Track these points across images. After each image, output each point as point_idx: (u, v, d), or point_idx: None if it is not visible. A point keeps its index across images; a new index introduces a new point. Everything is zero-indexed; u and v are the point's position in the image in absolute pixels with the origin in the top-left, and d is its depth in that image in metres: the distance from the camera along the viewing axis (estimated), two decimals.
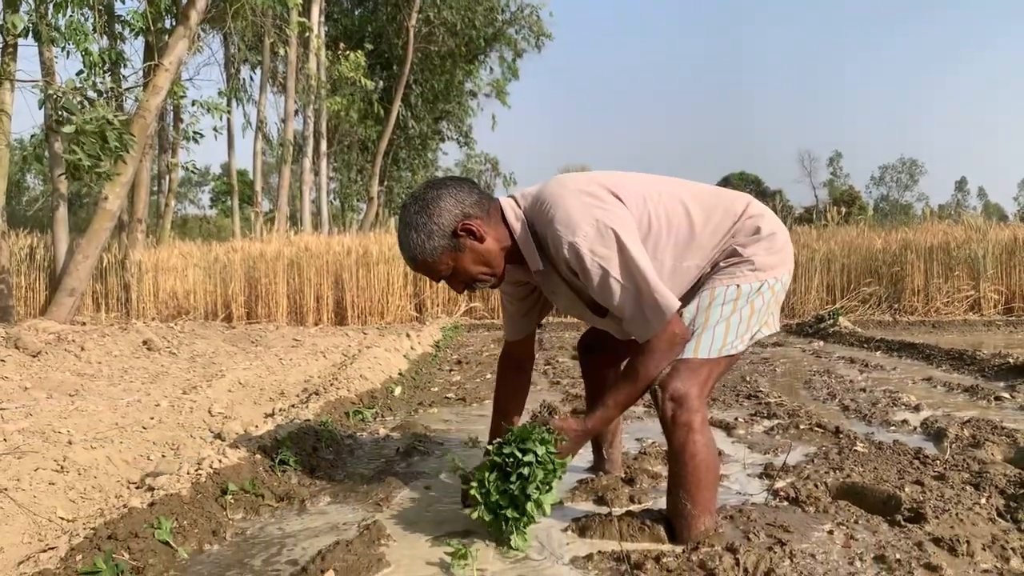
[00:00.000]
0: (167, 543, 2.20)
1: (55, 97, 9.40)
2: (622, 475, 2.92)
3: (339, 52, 19.79)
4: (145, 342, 7.46)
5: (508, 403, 2.73)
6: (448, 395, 5.29)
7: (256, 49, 20.38)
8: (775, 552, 2.06)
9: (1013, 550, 2.08)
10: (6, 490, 2.55)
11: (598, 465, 2.98)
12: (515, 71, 27.42)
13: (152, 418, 4.06)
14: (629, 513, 2.39)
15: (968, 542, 2.11)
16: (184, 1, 10.45)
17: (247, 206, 21.99)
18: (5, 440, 3.32)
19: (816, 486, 2.71)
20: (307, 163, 20.44)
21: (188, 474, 2.67)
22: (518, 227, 2.27)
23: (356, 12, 27.06)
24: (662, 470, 2.98)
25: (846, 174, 73.63)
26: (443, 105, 27.87)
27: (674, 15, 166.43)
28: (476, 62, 27.19)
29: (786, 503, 2.59)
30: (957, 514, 2.33)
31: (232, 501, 2.61)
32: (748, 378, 5.71)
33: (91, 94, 9.25)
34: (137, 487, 2.91)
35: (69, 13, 8.97)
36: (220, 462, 2.79)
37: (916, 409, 4.35)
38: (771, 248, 2.29)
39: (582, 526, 2.34)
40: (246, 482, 2.73)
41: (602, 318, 2.39)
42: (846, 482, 2.77)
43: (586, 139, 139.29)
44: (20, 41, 9.15)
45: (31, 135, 10.75)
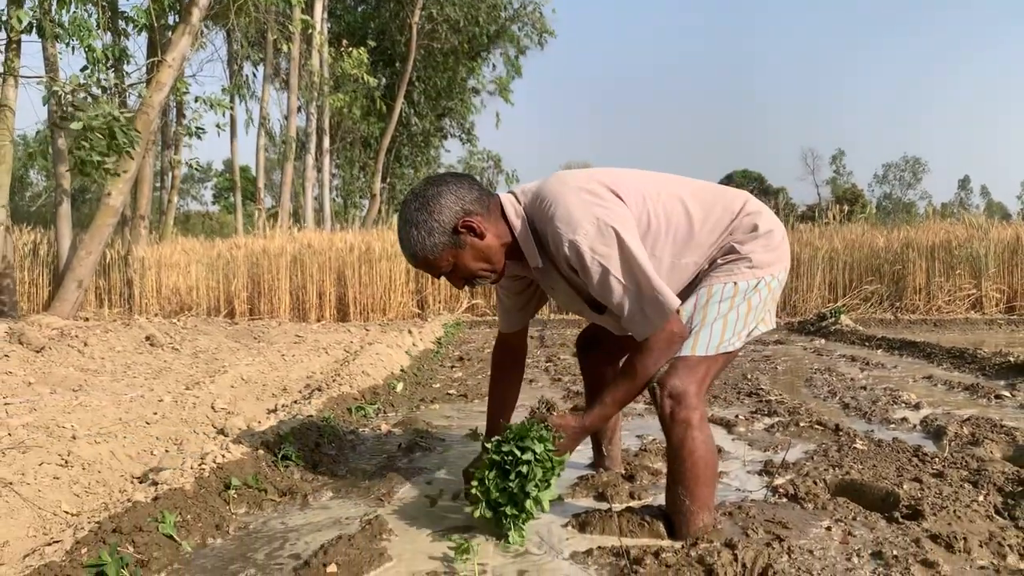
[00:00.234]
0: (171, 537, 2.23)
1: (60, 93, 9.43)
2: (622, 471, 2.94)
3: (342, 49, 19.80)
4: (148, 338, 7.49)
5: (503, 393, 2.76)
6: (450, 391, 5.31)
7: (259, 46, 20.42)
8: (773, 548, 2.07)
9: (1010, 547, 2.09)
10: (11, 484, 2.57)
11: (598, 462, 3.00)
12: (518, 68, 27.43)
13: (155, 413, 4.08)
14: (629, 509, 2.41)
15: (965, 539, 2.12)
16: None
17: (250, 202, 22.00)
18: (10, 435, 3.34)
19: (815, 483, 2.72)
20: (310, 160, 20.48)
21: (191, 469, 2.69)
22: (518, 224, 2.27)
23: (359, 9, 27.08)
24: (662, 467, 3.00)
25: (849, 172, 73.48)
26: (446, 102, 27.89)
27: (677, 13, 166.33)
28: (479, 59, 27.19)
29: (785, 500, 2.60)
30: (955, 511, 2.34)
31: (235, 496, 2.63)
32: (749, 376, 5.73)
33: (95, 90, 9.27)
34: (141, 481, 2.94)
35: (73, 9, 9.00)
36: (223, 457, 2.81)
37: (916, 407, 4.36)
38: (768, 245, 2.30)
39: (582, 522, 2.36)
40: (249, 477, 2.75)
41: (601, 315, 2.40)
42: (845, 479, 2.79)
43: (588, 136, 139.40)
44: (24, 37, 9.18)
45: (36, 131, 10.81)
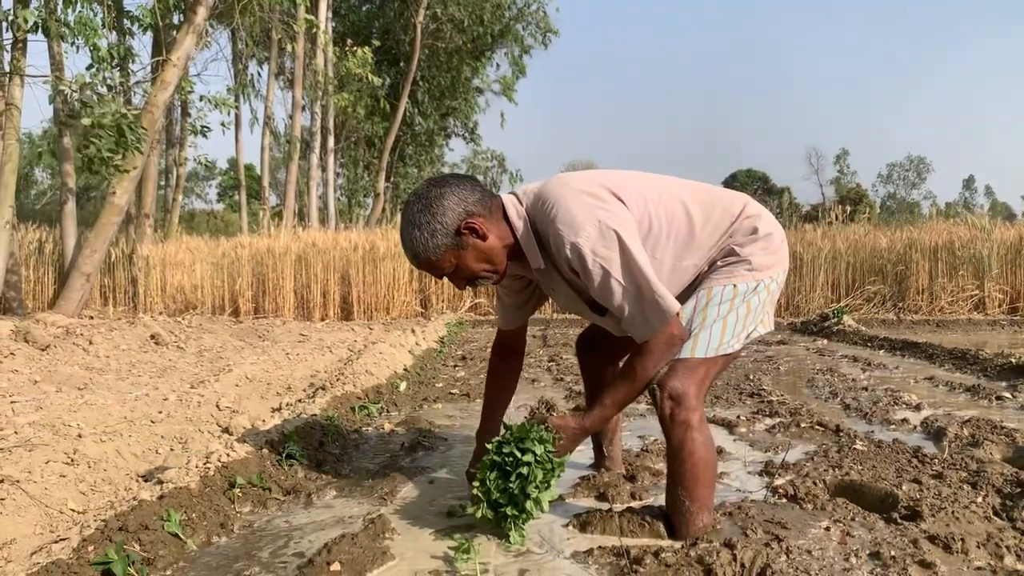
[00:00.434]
0: (176, 535, 2.25)
1: (66, 92, 9.47)
2: (623, 472, 2.96)
3: (346, 48, 19.82)
4: (153, 336, 7.52)
5: (499, 390, 2.79)
6: (452, 391, 5.33)
7: (263, 45, 20.43)
8: (772, 548, 2.09)
9: (1007, 548, 2.11)
10: (18, 482, 2.60)
11: (599, 462, 3.02)
12: (522, 67, 27.42)
13: (160, 412, 4.11)
14: (630, 509, 2.43)
15: (963, 540, 2.13)
16: None
17: (254, 201, 22.06)
18: (16, 433, 3.37)
19: (815, 484, 2.74)
20: (314, 159, 20.52)
21: (196, 468, 2.71)
22: (520, 225, 2.29)
23: (363, 8, 27.11)
24: (663, 467, 3.01)
25: (853, 172, 73.28)
26: (450, 101, 27.89)
27: (681, 12, 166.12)
28: (483, 58, 27.20)
29: (784, 500, 2.62)
30: (953, 512, 2.36)
31: (240, 494, 2.66)
32: (751, 376, 5.74)
33: (101, 89, 9.31)
34: (146, 480, 2.96)
35: (79, 9, 9.03)
36: (228, 456, 2.84)
37: (917, 408, 4.37)
38: (768, 248, 2.32)
39: (583, 522, 2.38)
40: (253, 476, 2.78)
41: (601, 316, 2.42)
42: (844, 480, 2.81)
43: (592, 136, 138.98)
44: (30, 36, 9.22)
45: (44, 130, 10.87)
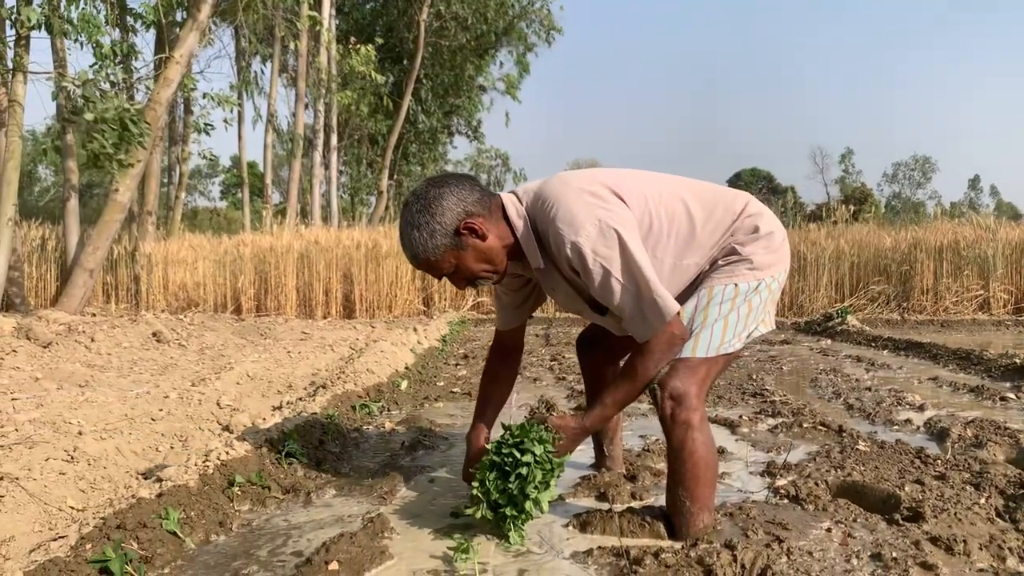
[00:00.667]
0: (175, 533, 2.24)
1: (69, 89, 9.47)
2: (624, 472, 2.95)
3: (350, 46, 19.81)
4: (155, 334, 7.52)
5: (493, 391, 2.74)
6: (454, 390, 5.32)
7: (267, 42, 20.43)
8: (772, 549, 2.08)
9: (1010, 550, 2.09)
10: (17, 479, 2.60)
11: (599, 462, 3.01)
12: (526, 66, 27.41)
13: (161, 410, 4.11)
14: (630, 510, 2.42)
15: (965, 541, 2.12)
16: None
17: (257, 198, 22.08)
18: (17, 430, 3.37)
19: (816, 484, 2.73)
20: (317, 157, 20.51)
21: (196, 466, 2.71)
22: (520, 224, 2.27)
23: (367, 6, 27.10)
24: (664, 467, 2.98)
25: (858, 171, 73.05)
26: (453, 100, 27.89)
27: (685, 10, 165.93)
28: (486, 56, 27.19)
29: (786, 501, 2.60)
30: (956, 513, 2.34)
31: (239, 493, 2.65)
32: (754, 376, 5.72)
33: (104, 86, 9.31)
34: (145, 478, 2.96)
35: (82, 6, 9.02)
36: (227, 454, 2.83)
37: (920, 409, 4.35)
38: (769, 247, 2.30)
39: (583, 522, 2.37)
40: (253, 474, 2.77)
41: (602, 316, 2.41)
42: (847, 481, 2.79)
43: (596, 134, 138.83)
44: (33, 33, 9.21)
45: (48, 127, 10.86)
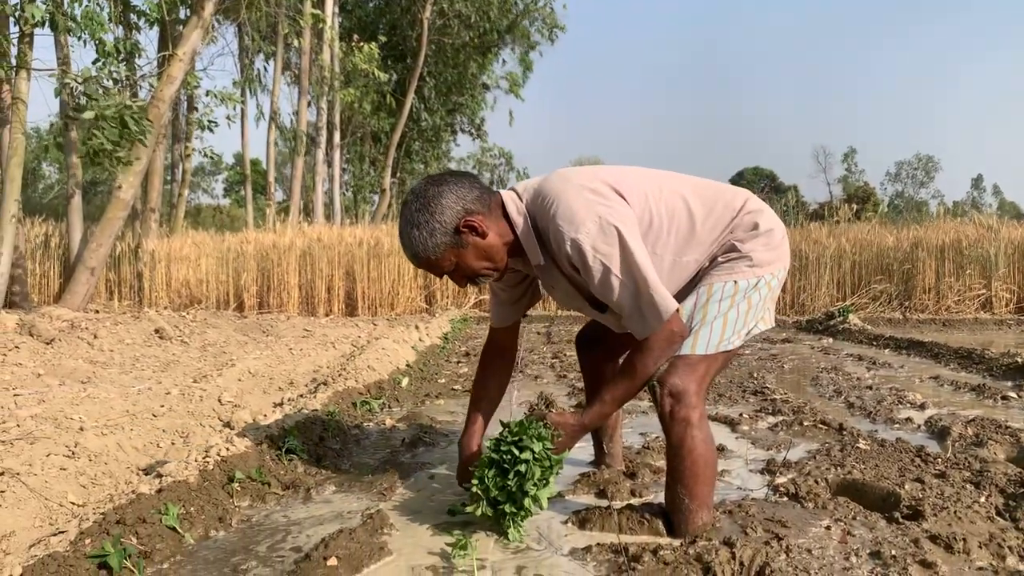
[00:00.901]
0: (174, 529, 2.25)
1: (72, 86, 9.48)
2: (623, 469, 2.95)
3: (353, 44, 19.82)
4: (157, 331, 7.53)
5: (486, 393, 2.69)
6: (455, 387, 5.32)
7: (270, 40, 20.44)
8: (771, 547, 2.08)
9: (1010, 548, 2.09)
10: (18, 475, 2.60)
11: (599, 459, 3.00)
12: (529, 64, 27.40)
13: (162, 406, 4.11)
14: (629, 507, 2.41)
15: (965, 540, 2.12)
16: None
17: (260, 196, 22.09)
18: (18, 426, 3.38)
19: (816, 482, 2.72)
20: (320, 154, 20.51)
21: (196, 461, 2.71)
22: (520, 222, 2.27)
23: (370, 4, 27.09)
24: (664, 465, 2.98)
25: (861, 170, 73.00)
26: (456, 98, 27.88)
27: (688, 9, 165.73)
28: (489, 54, 27.17)
29: (786, 499, 2.60)
30: (955, 512, 2.34)
31: (239, 488, 2.65)
32: (755, 374, 5.72)
33: (107, 83, 9.32)
34: (146, 473, 2.96)
35: (85, 3, 9.03)
36: (228, 450, 2.84)
37: (921, 407, 4.34)
38: (769, 244, 2.30)
39: (582, 518, 2.37)
40: (253, 470, 2.77)
41: (602, 313, 2.40)
42: (847, 479, 2.79)
43: (598, 133, 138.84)
44: (36, 30, 9.22)
45: (51, 124, 10.86)
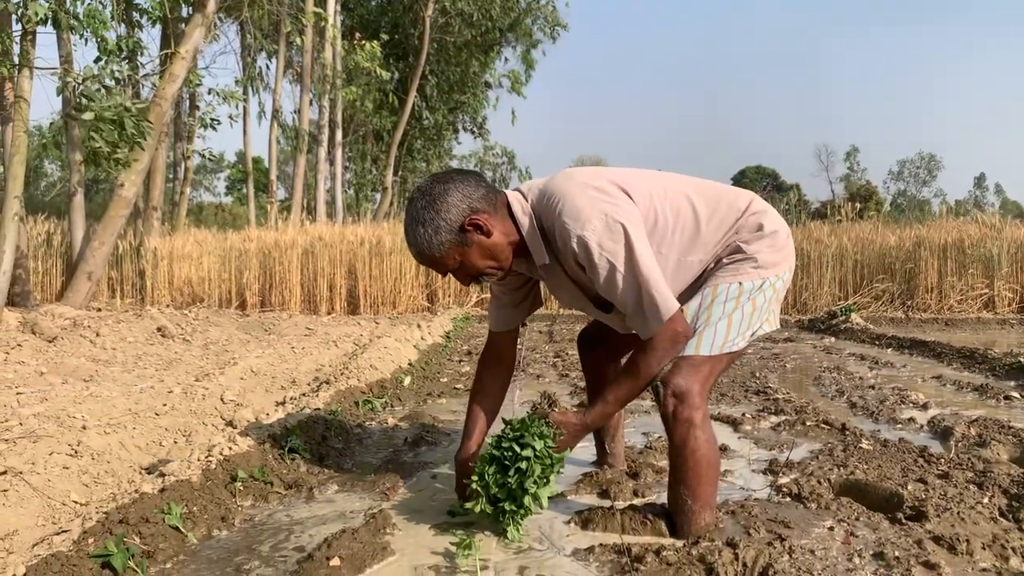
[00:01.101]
0: (177, 528, 2.25)
1: (73, 85, 9.48)
2: (626, 469, 2.94)
3: (355, 42, 19.82)
4: (159, 329, 7.54)
5: (484, 405, 2.62)
6: (457, 386, 5.32)
7: (272, 38, 20.44)
8: (774, 547, 2.07)
9: (1013, 549, 2.09)
10: (21, 473, 2.60)
11: (601, 459, 3.00)
12: (531, 62, 27.38)
13: (165, 405, 4.11)
14: (632, 507, 2.41)
15: (968, 541, 2.12)
16: None
17: (262, 194, 22.08)
18: (21, 424, 3.38)
19: (819, 483, 2.72)
20: (322, 153, 20.51)
21: (198, 461, 2.71)
22: (525, 221, 2.27)
23: (372, 2, 27.05)
24: (666, 465, 2.97)
25: (863, 169, 72.90)
26: (458, 96, 27.85)
27: (690, 8, 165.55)
28: (491, 52, 27.14)
29: (788, 499, 2.60)
30: (959, 513, 2.33)
31: (241, 488, 2.65)
32: (757, 374, 5.71)
33: (108, 82, 9.32)
34: (149, 473, 2.96)
35: (88, 1, 9.03)
36: (230, 449, 2.84)
37: (924, 407, 4.34)
38: (774, 245, 2.30)
39: (584, 519, 2.37)
40: (255, 469, 2.78)
41: (606, 313, 2.40)
42: (849, 479, 2.79)
43: (600, 132, 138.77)
44: (39, 28, 9.22)
45: (51, 122, 10.88)
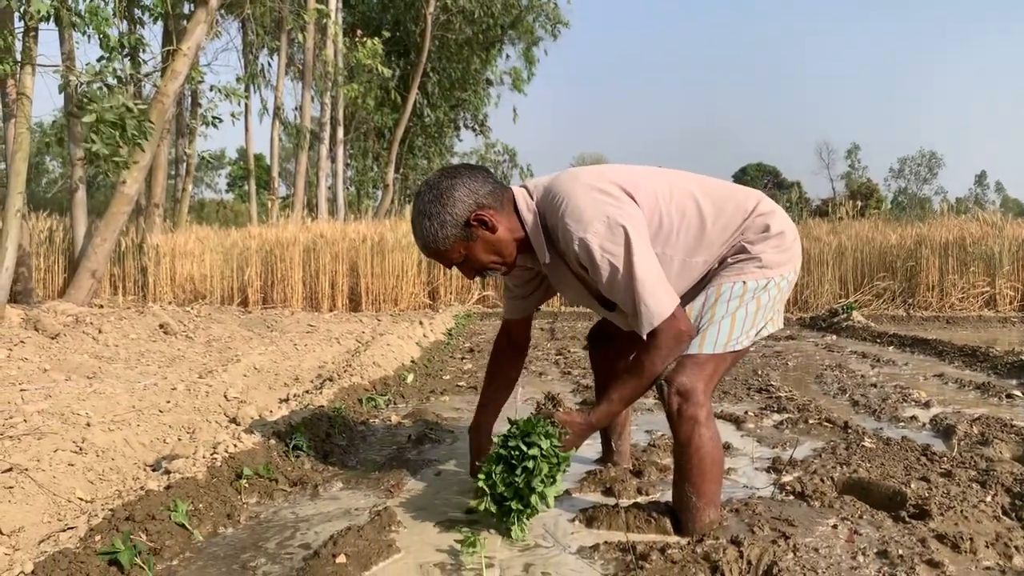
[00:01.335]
0: (183, 525, 2.26)
1: (76, 83, 9.47)
2: (631, 467, 2.95)
3: (356, 39, 19.78)
4: (162, 326, 7.54)
5: (497, 386, 2.76)
6: (460, 383, 5.33)
7: (274, 35, 20.42)
8: (779, 545, 2.08)
9: (1016, 548, 2.09)
10: (27, 470, 2.61)
11: (607, 457, 3.01)
12: (532, 59, 27.35)
13: (168, 402, 4.12)
14: (636, 505, 2.41)
15: (971, 539, 2.12)
16: None
17: (264, 191, 22.08)
18: (25, 421, 3.38)
19: (822, 481, 2.73)
20: (323, 150, 20.51)
21: (203, 458, 2.72)
22: (529, 218, 2.29)
23: None
24: (670, 463, 2.97)
25: (864, 166, 72.77)
26: (459, 93, 27.82)
27: (691, 5, 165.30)
28: (493, 50, 27.10)
29: (792, 497, 2.61)
30: (962, 511, 2.34)
31: (246, 485, 2.66)
32: (760, 372, 5.72)
33: (110, 80, 9.31)
34: (154, 470, 2.97)
35: None
36: (235, 446, 2.84)
37: (926, 405, 4.34)
38: (780, 246, 2.30)
39: (589, 517, 2.37)
40: (260, 467, 2.78)
41: (611, 311, 2.41)
42: (852, 477, 2.79)
43: (602, 130, 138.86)
44: (41, 25, 9.21)
45: (53, 120, 10.89)
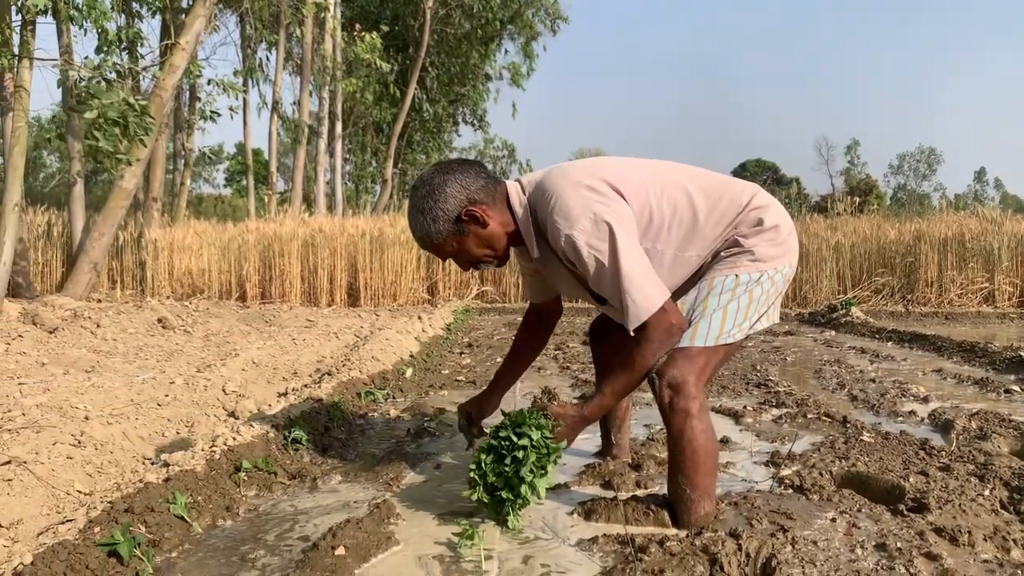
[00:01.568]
0: (182, 518, 2.26)
1: (75, 77, 9.45)
2: (629, 460, 2.95)
3: (355, 33, 19.76)
4: (160, 320, 7.54)
5: (515, 360, 2.87)
6: (458, 378, 5.33)
7: (272, 29, 20.39)
8: (777, 538, 2.08)
9: (1014, 541, 2.09)
10: (26, 463, 2.61)
11: (606, 450, 3.02)
12: (531, 54, 27.33)
13: (167, 395, 4.12)
14: (635, 498, 2.42)
15: (970, 532, 2.12)
16: None
17: (262, 186, 22.06)
18: (24, 414, 3.39)
19: (821, 475, 2.73)
20: (322, 144, 20.49)
21: (202, 451, 2.72)
22: (520, 213, 2.33)
23: None
24: None
25: (864, 162, 72.92)
26: (458, 88, 27.80)
27: (691, 1, 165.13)
28: (492, 44, 27.08)
29: (791, 491, 2.61)
30: (960, 505, 2.34)
31: (245, 478, 2.66)
32: (758, 367, 5.72)
33: (109, 74, 9.29)
34: (152, 463, 2.97)
35: None
36: (234, 440, 2.84)
37: (925, 400, 4.35)
38: (775, 240, 2.30)
39: (588, 509, 2.38)
40: (259, 460, 2.78)
41: (604, 304, 2.42)
42: (851, 471, 2.79)
43: (601, 124, 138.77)
44: (39, 19, 9.19)
45: (52, 115, 10.86)
